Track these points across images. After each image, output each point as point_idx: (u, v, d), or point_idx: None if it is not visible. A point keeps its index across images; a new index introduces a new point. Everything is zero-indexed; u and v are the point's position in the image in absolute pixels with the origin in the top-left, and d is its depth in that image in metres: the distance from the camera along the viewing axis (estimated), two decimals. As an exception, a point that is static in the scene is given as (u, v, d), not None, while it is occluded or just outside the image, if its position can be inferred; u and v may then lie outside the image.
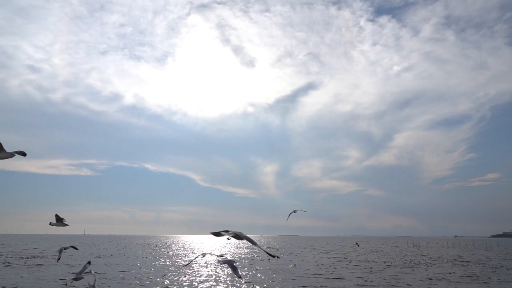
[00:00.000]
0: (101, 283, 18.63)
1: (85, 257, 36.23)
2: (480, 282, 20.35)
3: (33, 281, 19.03)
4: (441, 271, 25.40)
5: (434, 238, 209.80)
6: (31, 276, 20.69)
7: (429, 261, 35.14)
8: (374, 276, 22.25)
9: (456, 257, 42.17)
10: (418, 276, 22.69)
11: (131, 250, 52.20)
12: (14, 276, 20.84)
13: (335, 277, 21.73)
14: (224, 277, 21.07)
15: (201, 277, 21.03)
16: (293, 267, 27.44)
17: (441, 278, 21.88)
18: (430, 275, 22.97)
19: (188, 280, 20.00)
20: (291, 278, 21.25)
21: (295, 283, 19.40)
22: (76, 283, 18.49)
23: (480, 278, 21.94)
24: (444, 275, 23.08)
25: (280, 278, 21.22)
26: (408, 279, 21.01)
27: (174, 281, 19.56)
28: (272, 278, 20.98)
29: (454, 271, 25.54)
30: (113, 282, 19.06)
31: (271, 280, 20.16)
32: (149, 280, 19.63)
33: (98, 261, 30.78)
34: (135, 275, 21.59)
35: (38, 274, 21.91)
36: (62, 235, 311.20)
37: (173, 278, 20.68)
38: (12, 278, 20.00)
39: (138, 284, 18.39)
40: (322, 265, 29.41)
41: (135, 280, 19.82)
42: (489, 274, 24.26)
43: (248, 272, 24.05)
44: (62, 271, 23.18)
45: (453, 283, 20.01)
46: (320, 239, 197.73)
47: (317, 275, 22.53)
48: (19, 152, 6.58)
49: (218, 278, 20.86)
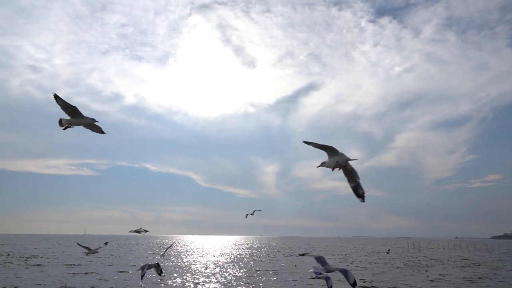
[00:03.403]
0: (101, 283, 18.57)
1: (84, 257, 36.15)
2: (482, 285, 20.23)
3: (33, 281, 18.97)
4: (442, 272, 25.28)
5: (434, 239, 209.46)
6: (31, 276, 20.63)
7: (430, 262, 35.01)
8: (375, 278, 22.14)
9: (458, 258, 42.03)
10: (420, 277, 22.58)
11: (131, 250, 52.12)
12: (14, 276, 20.78)
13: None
14: (224, 277, 20.99)
15: (201, 278, 20.95)
16: (295, 267, 27.33)
17: (442, 279, 21.77)
18: (431, 277, 22.86)
19: (188, 280, 19.92)
20: (292, 278, 21.16)
21: (295, 283, 19.32)
22: (77, 283, 18.45)
23: (482, 280, 21.82)
24: (445, 277, 22.97)
25: (280, 278, 21.14)
26: (410, 281, 20.90)
27: (174, 281, 19.48)
28: (272, 279, 20.89)
29: (455, 273, 25.42)
30: (113, 282, 18.99)
31: (271, 280, 20.08)
32: (149, 280, 19.55)
33: (98, 261, 30.71)
34: (134, 275, 21.51)
35: (38, 274, 21.85)
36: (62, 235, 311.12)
37: (173, 278, 20.60)
38: (12, 278, 19.94)
39: (138, 284, 18.32)
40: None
41: (135, 280, 19.74)
42: (490, 275, 24.14)
43: (248, 272, 23.95)
44: (62, 271, 23.12)
45: (456, 284, 19.90)
46: (321, 239, 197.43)
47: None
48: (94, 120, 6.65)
49: (218, 278, 20.79)
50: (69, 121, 6.58)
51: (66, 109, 6.50)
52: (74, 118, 6.57)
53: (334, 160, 5.52)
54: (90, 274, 21.76)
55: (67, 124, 6.64)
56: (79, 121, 6.63)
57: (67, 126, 6.67)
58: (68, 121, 6.60)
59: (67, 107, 6.44)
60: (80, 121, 6.63)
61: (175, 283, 18.98)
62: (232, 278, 20.81)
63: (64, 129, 6.67)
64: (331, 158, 5.55)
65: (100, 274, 22.07)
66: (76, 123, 6.67)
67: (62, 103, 6.38)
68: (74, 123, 6.64)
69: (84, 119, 6.60)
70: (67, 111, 6.53)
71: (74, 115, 6.54)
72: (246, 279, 20.54)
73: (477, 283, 20.60)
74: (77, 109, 6.47)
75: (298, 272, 24.72)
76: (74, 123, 6.64)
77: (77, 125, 6.71)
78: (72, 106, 6.40)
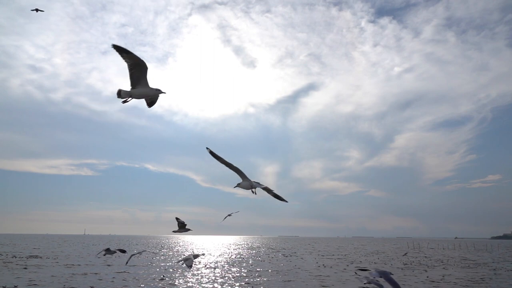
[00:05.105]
0: (101, 283, 18.53)
1: (83, 257, 36.12)
2: (482, 286, 20.19)
3: (32, 281, 18.93)
4: (442, 273, 25.23)
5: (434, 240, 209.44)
6: (31, 276, 20.58)
7: (430, 262, 34.96)
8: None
9: (458, 258, 41.98)
10: (420, 278, 22.54)
11: (130, 251, 52.06)
12: (14, 276, 20.73)
13: (336, 279, 21.59)
14: (225, 278, 20.95)
15: (201, 278, 20.91)
16: (295, 268, 27.29)
17: (442, 280, 21.73)
18: (431, 277, 22.81)
19: (188, 280, 19.88)
20: (292, 279, 21.12)
21: (295, 284, 19.28)
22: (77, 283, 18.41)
23: (482, 280, 21.77)
24: (445, 277, 22.93)
25: (280, 279, 21.10)
26: (410, 281, 20.86)
27: (174, 281, 19.43)
28: (273, 279, 20.85)
29: (455, 273, 25.38)
30: (113, 282, 18.95)
31: (271, 280, 20.04)
32: (149, 280, 19.52)
33: (97, 261, 30.66)
34: (134, 276, 21.47)
35: (37, 274, 21.81)
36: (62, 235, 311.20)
37: (173, 278, 20.56)
38: (12, 278, 19.90)
39: (138, 285, 18.28)
40: (324, 266, 29.25)
41: (135, 280, 19.70)
42: (491, 275, 24.09)
43: (248, 272, 23.91)
44: (62, 271, 23.08)
45: (456, 285, 19.86)
46: (321, 240, 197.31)
47: (318, 276, 22.38)
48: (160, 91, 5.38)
49: (218, 278, 20.75)
50: (130, 92, 5.26)
51: (133, 69, 5.11)
52: (137, 89, 5.23)
53: (248, 185, 5.81)
54: (90, 274, 21.72)
55: (127, 97, 5.32)
56: (143, 92, 5.28)
57: (126, 99, 5.35)
58: (128, 93, 5.28)
59: (136, 65, 5.06)
60: (143, 92, 5.28)
61: (175, 283, 18.94)
62: (232, 278, 20.76)
63: (123, 102, 5.35)
64: (245, 182, 5.81)
65: (99, 274, 22.03)
66: (138, 95, 5.32)
67: (130, 56, 4.98)
68: (136, 95, 5.30)
69: (149, 89, 5.28)
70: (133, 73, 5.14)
71: (138, 81, 5.20)
72: (246, 279, 20.50)
73: (477, 283, 20.54)
74: (145, 70, 5.12)
75: (298, 272, 24.68)
76: (136, 95, 5.30)
77: (138, 98, 5.36)
78: (143, 63, 5.04)
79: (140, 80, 5.17)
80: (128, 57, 4.99)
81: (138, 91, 5.23)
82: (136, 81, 5.18)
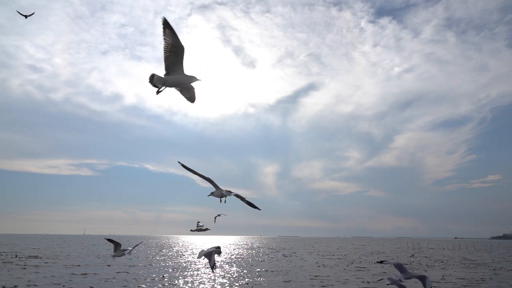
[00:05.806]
0: (101, 283, 18.51)
1: (83, 257, 36.10)
2: (482, 286, 20.18)
3: (32, 281, 18.91)
4: (442, 273, 25.22)
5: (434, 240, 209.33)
6: (31, 277, 20.57)
7: (430, 262, 34.95)
8: (375, 278, 22.08)
9: (458, 258, 41.97)
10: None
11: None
12: (14, 276, 20.71)
13: (336, 279, 21.57)
14: (225, 278, 20.93)
15: (201, 278, 20.89)
16: (295, 268, 27.27)
17: (443, 280, 21.72)
18: (431, 277, 22.79)
19: (188, 281, 19.87)
20: (292, 279, 21.10)
21: (295, 284, 19.27)
22: (76, 283, 18.39)
23: (482, 280, 21.77)
24: (445, 277, 22.92)
25: (280, 279, 21.08)
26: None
27: (174, 281, 19.42)
28: (273, 279, 20.83)
29: (455, 273, 25.37)
30: (113, 282, 18.93)
31: (271, 280, 20.02)
32: (149, 281, 19.50)
33: (97, 261, 30.64)
34: (134, 276, 21.45)
35: (37, 274, 21.79)
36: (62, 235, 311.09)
37: (173, 278, 20.55)
38: (12, 278, 19.88)
39: (138, 285, 18.26)
40: (324, 266, 29.25)
41: (135, 280, 19.68)
42: (490, 276, 24.09)
43: (248, 272, 23.90)
44: (62, 271, 23.06)
45: (457, 285, 19.85)
46: (321, 240, 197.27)
47: (318, 277, 22.37)
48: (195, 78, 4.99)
49: (218, 278, 20.73)
50: (164, 80, 4.77)
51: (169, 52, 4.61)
52: (172, 76, 4.77)
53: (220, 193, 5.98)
54: (89, 275, 21.70)
55: (160, 84, 4.79)
56: (178, 80, 4.82)
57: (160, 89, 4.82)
58: (162, 80, 4.78)
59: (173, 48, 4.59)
60: (179, 80, 4.82)
61: (175, 283, 18.92)
62: (232, 278, 20.74)
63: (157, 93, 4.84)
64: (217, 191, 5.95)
65: (99, 274, 22.02)
66: (171, 83, 4.82)
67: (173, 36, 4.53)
68: (169, 82, 4.80)
69: (183, 76, 4.82)
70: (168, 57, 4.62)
71: (173, 67, 4.74)
72: (246, 279, 20.48)
73: (477, 283, 20.54)
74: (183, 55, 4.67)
75: (298, 272, 24.67)
76: (169, 82, 4.80)
77: (171, 86, 4.86)
78: (182, 47, 4.60)
79: (175, 66, 4.74)
80: (172, 36, 4.54)
81: (172, 78, 4.79)
82: (170, 67, 4.74)
